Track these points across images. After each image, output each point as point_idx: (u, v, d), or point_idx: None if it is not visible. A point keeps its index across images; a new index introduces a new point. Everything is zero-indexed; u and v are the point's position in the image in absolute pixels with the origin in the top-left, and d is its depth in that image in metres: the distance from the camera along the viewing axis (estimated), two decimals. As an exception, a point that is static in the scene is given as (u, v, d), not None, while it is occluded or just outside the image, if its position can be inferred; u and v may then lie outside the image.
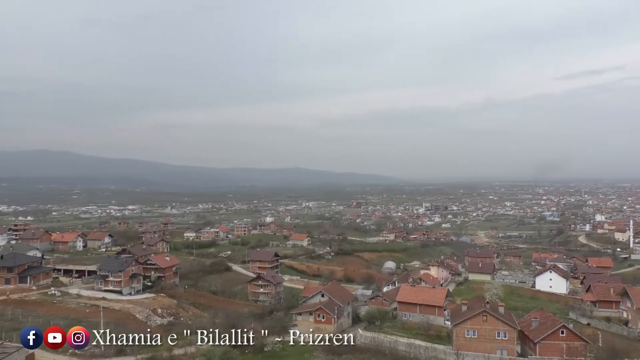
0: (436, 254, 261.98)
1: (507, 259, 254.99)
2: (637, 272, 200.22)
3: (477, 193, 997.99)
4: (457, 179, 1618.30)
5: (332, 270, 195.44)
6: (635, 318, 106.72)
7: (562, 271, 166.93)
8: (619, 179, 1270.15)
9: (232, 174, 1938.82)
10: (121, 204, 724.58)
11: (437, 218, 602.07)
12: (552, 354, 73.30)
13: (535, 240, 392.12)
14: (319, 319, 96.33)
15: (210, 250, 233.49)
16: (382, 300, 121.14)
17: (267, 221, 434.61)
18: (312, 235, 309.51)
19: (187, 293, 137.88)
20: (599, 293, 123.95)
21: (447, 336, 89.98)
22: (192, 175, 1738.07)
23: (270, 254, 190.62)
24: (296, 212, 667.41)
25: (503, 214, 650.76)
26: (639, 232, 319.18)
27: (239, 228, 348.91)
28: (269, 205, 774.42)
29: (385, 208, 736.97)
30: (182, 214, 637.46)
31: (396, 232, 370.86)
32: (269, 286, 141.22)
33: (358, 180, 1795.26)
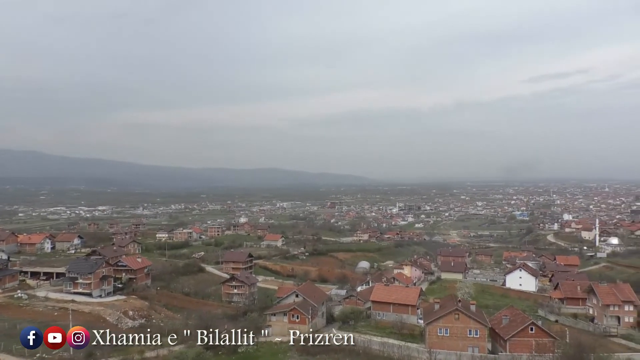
0: (409, 254, 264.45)
1: (478, 258, 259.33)
2: (602, 270, 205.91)
3: (450, 193, 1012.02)
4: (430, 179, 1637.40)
5: (306, 270, 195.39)
6: (601, 314, 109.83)
7: (531, 269, 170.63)
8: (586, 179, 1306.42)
9: (206, 174, 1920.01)
10: (91, 204, 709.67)
11: (411, 218, 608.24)
12: (522, 350, 74.84)
13: (506, 239, 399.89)
14: (293, 319, 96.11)
15: (183, 251, 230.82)
16: (356, 300, 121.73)
17: (241, 222, 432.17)
18: (287, 236, 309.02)
19: (160, 295, 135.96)
20: (567, 290, 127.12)
21: (420, 334, 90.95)
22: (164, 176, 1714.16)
23: (244, 254, 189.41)
24: (270, 213, 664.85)
25: (474, 214, 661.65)
26: (604, 231, 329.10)
27: (212, 229, 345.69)
28: (243, 206, 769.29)
29: (359, 208, 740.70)
30: (154, 214, 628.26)
31: (370, 232, 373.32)
32: (243, 287, 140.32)
33: (332, 180, 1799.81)
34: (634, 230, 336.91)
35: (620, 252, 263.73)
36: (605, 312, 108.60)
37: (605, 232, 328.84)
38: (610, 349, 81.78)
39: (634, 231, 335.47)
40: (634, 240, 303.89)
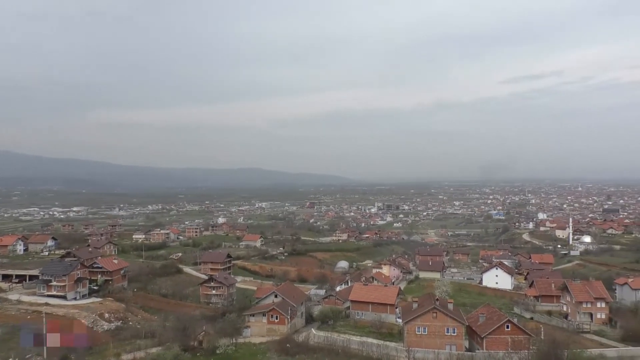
0: (388, 253, 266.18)
1: (456, 256, 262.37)
2: (576, 268, 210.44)
3: (428, 193, 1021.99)
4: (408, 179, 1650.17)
5: (285, 270, 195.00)
6: (574, 311, 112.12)
7: (507, 268, 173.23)
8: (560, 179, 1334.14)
9: (184, 175, 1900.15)
10: (65, 205, 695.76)
11: (389, 217, 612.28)
12: (498, 347, 75.90)
13: (483, 238, 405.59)
14: (272, 319, 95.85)
15: (160, 252, 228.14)
16: (335, 300, 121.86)
17: (220, 222, 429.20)
18: (266, 236, 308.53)
19: (136, 296, 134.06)
20: (541, 288, 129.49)
21: (398, 333, 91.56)
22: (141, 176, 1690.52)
23: (223, 255, 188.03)
24: (249, 213, 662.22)
25: (452, 213, 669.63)
26: (577, 230, 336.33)
27: (190, 229, 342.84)
28: (221, 206, 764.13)
29: (338, 208, 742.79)
30: (130, 215, 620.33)
31: (349, 231, 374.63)
32: (222, 288, 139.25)
33: (312, 180, 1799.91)
34: (606, 229, 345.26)
35: (593, 250, 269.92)
36: (578, 309, 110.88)
37: (579, 230, 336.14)
38: (584, 345, 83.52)
39: (606, 229, 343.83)
40: (605, 239, 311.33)
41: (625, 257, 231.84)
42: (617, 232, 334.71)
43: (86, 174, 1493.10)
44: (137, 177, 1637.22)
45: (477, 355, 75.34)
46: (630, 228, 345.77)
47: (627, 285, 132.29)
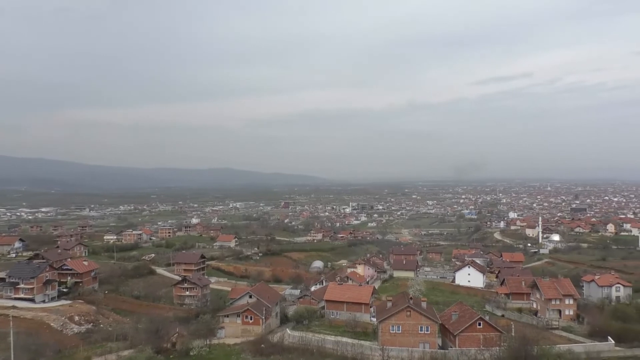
0: (362, 253, 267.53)
1: (429, 255, 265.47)
2: (545, 266, 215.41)
3: (402, 193, 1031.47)
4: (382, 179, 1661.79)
5: (260, 270, 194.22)
6: (544, 308, 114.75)
7: (479, 266, 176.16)
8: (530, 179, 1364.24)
9: (156, 175, 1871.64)
10: (33, 206, 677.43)
11: (364, 217, 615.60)
12: (470, 345, 77.16)
13: (455, 237, 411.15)
14: (246, 320, 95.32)
15: (132, 253, 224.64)
16: (310, 300, 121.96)
17: (193, 222, 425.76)
18: (240, 236, 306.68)
19: (108, 298, 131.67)
20: (512, 286, 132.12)
21: (373, 332, 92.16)
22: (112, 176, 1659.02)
23: (196, 256, 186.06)
24: (223, 213, 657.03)
25: (425, 213, 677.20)
26: (546, 228, 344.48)
27: (163, 230, 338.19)
28: (195, 206, 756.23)
29: (313, 208, 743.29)
30: (101, 216, 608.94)
31: (324, 231, 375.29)
32: (195, 289, 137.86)
33: (286, 180, 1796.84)
34: (574, 228, 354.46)
35: (561, 248, 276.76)
36: (547, 305, 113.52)
37: (548, 229, 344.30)
38: (552, 341, 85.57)
39: (574, 228, 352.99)
40: (573, 237, 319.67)
41: (592, 255, 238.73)
42: (584, 230, 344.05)
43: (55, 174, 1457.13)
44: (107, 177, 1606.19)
45: (450, 352, 76.37)
46: (597, 227, 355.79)
47: (594, 283, 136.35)
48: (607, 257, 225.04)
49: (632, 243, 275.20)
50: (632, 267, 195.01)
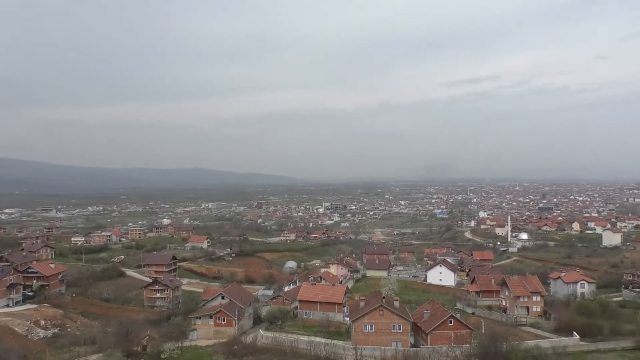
0: (336, 253, 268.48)
1: (401, 255, 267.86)
2: (514, 264, 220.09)
3: (374, 193, 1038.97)
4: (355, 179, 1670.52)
5: (232, 271, 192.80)
6: (513, 305, 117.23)
7: (450, 265, 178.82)
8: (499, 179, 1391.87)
9: (126, 175, 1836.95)
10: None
11: (337, 217, 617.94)
12: (442, 342, 78.30)
13: (427, 236, 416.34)
14: (219, 321, 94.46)
15: (101, 255, 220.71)
16: (283, 300, 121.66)
17: (165, 223, 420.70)
18: (212, 237, 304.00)
19: (75, 302, 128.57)
20: (482, 284, 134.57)
21: (346, 332, 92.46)
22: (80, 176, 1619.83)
23: (168, 257, 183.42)
24: (195, 214, 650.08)
25: (398, 212, 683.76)
26: (515, 227, 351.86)
27: (133, 231, 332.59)
28: (166, 207, 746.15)
29: (286, 208, 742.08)
30: (69, 217, 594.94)
31: (297, 231, 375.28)
32: (167, 290, 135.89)
33: (259, 180, 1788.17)
34: (541, 226, 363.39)
35: (529, 247, 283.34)
36: (516, 303, 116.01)
37: (516, 228, 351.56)
38: (521, 337, 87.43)
39: (541, 227, 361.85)
40: (541, 235, 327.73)
41: (558, 253, 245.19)
42: (551, 229, 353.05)
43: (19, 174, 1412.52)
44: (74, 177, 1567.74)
45: (422, 350, 77.26)
46: (563, 225, 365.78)
47: (560, 280, 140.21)
48: (573, 255, 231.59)
49: (595, 241, 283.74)
50: (595, 264, 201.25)
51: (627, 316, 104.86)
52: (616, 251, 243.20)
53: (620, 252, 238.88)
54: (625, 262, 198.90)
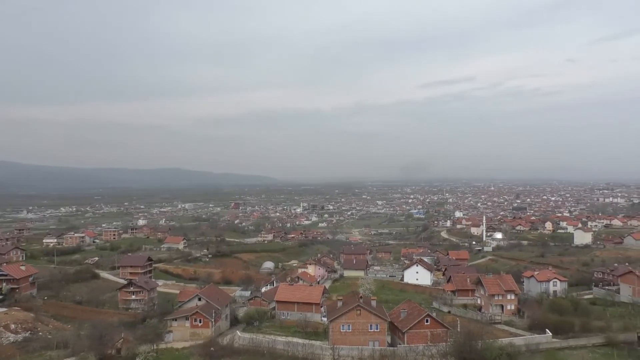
0: (313, 253, 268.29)
1: (378, 255, 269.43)
2: (488, 263, 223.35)
3: (352, 193, 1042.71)
4: (333, 179, 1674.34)
5: (209, 272, 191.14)
6: (487, 304, 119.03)
7: (426, 264, 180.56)
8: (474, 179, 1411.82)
9: (100, 175, 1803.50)
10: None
11: (314, 217, 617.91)
12: (419, 341, 79.04)
13: (404, 236, 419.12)
14: (195, 323, 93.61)
15: (74, 257, 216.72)
16: (260, 301, 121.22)
17: (140, 224, 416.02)
18: (189, 238, 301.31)
19: (47, 305, 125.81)
20: (458, 283, 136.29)
21: (324, 332, 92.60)
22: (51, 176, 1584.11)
23: (143, 258, 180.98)
24: (171, 214, 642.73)
25: (375, 213, 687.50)
26: (490, 227, 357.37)
27: (107, 232, 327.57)
28: (141, 208, 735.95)
29: (263, 208, 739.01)
30: (40, 218, 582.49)
31: (275, 232, 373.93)
32: (142, 292, 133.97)
33: (236, 180, 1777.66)
34: (515, 226, 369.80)
35: (504, 246, 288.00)
36: (491, 301, 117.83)
37: (491, 227, 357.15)
38: (495, 335, 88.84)
39: (515, 226, 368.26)
40: (515, 235, 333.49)
41: (531, 252, 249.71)
42: (524, 228, 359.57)
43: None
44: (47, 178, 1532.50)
45: (399, 349, 77.86)
46: (536, 225, 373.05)
47: (533, 278, 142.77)
48: (546, 254, 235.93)
49: (567, 240, 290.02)
50: (567, 262, 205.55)
51: (597, 313, 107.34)
52: (587, 250, 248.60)
53: (591, 250, 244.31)
54: (596, 260, 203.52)
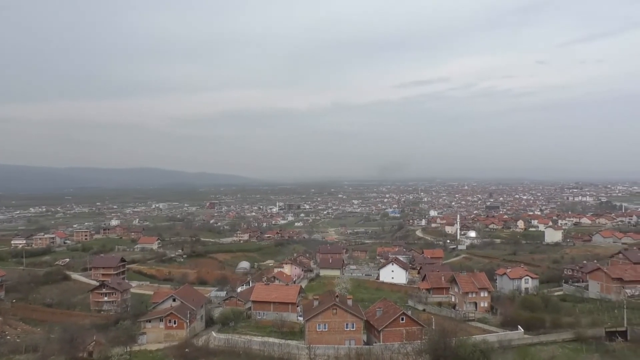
0: (289, 252, 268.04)
1: (354, 254, 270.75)
2: (462, 261, 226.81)
3: (328, 192, 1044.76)
4: (309, 179, 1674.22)
5: (184, 273, 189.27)
6: (462, 301, 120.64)
7: (402, 263, 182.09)
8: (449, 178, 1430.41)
9: (71, 174, 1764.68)
10: None
11: (290, 217, 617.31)
12: (394, 339, 79.61)
13: (380, 235, 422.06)
14: (170, 324, 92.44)
15: (44, 258, 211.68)
16: (236, 301, 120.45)
17: (113, 224, 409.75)
18: (163, 238, 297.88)
19: (16, 308, 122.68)
20: (433, 281, 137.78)
21: (300, 331, 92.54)
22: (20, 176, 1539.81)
23: (116, 259, 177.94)
24: (145, 214, 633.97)
25: (351, 212, 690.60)
26: (464, 225, 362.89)
27: (79, 233, 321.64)
28: (114, 208, 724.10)
29: (239, 208, 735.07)
30: (8, 219, 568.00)
31: (250, 231, 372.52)
32: (115, 294, 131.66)
33: (212, 180, 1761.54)
34: (488, 224, 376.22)
35: (477, 244, 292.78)
36: (465, 299, 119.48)
37: (465, 226, 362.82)
38: (469, 332, 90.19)
39: (488, 225, 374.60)
40: (488, 233, 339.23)
41: (504, 250, 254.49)
42: (497, 226, 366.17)
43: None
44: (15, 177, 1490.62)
45: (374, 348, 78.32)
46: (509, 223, 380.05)
47: (506, 276, 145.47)
48: (518, 252, 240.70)
49: (539, 238, 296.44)
50: (538, 260, 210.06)
51: (567, 309, 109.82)
52: (557, 247, 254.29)
53: (561, 248, 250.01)
54: (566, 257, 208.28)
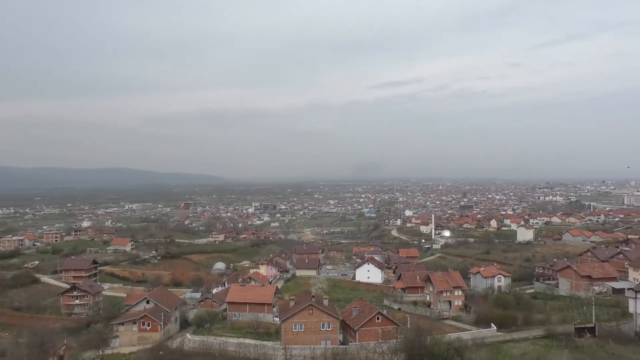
0: (265, 253, 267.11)
1: (331, 254, 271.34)
2: (437, 260, 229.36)
3: (304, 192, 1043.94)
4: (285, 179, 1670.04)
5: (158, 274, 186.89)
6: (436, 300, 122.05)
7: (378, 263, 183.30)
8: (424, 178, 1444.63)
9: (40, 174, 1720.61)
10: None
11: (267, 217, 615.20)
12: (370, 339, 80.00)
13: (356, 235, 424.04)
14: (143, 327, 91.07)
15: (12, 261, 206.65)
16: (211, 302, 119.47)
17: (84, 226, 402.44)
18: (137, 239, 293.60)
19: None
20: (408, 280, 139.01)
21: (276, 332, 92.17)
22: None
23: (88, 261, 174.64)
24: (118, 215, 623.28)
25: (327, 212, 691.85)
26: (439, 225, 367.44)
27: (49, 234, 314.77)
28: (86, 209, 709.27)
29: (214, 208, 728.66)
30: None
31: (226, 232, 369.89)
32: (86, 297, 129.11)
33: (186, 180, 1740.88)
34: (462, 224, 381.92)
35: (452, 244, 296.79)
36: (439, 298, 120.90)
37: (440, 226, 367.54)
38: (444, 330, 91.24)
39: (462, 224, 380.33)
40: (462, 232, 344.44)
41: (477, 249, 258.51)
42: (471, 226, 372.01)
43: None
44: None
45: (350, 347, 78.56)
46: (482, 222, 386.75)
47: (480, 274, 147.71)
48: (491, 250, 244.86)
49: (511, 237, 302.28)
50: (511, 258, 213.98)
51: (538, 307, 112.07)
52: (529, 246, 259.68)
53: (533, 247, 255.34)
54: (537, 256, 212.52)
